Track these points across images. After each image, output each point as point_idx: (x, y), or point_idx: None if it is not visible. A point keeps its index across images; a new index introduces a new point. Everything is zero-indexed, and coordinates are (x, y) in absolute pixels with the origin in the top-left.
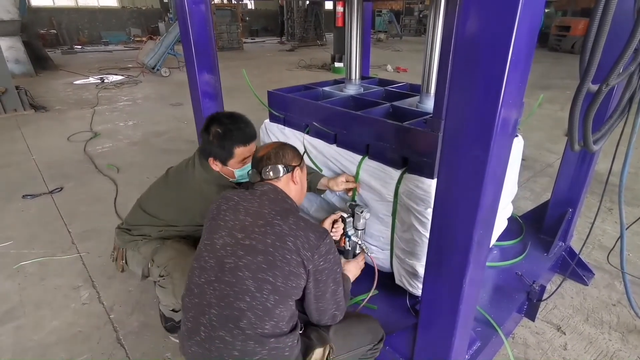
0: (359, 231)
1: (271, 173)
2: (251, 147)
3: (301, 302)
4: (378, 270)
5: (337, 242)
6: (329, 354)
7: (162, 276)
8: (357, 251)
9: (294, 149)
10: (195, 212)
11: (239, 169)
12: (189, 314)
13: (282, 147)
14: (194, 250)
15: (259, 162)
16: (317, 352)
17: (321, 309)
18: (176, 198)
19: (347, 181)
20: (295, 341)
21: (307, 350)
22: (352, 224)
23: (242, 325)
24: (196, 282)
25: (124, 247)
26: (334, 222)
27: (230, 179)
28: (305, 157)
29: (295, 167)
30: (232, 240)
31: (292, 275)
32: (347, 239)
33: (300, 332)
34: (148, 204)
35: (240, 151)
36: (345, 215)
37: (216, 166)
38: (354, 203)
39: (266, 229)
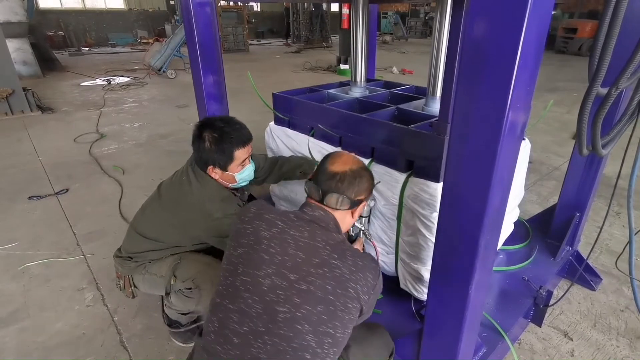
0: (363, 218)
1: (336, 202)
2: (248, 149)
3: None
4: (383, 273)
5: None
6: None
7: (189, 288)
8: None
9: (371, 177)
10: (200, 231)
11: (239, 172)
12: None
13: (361, 174)
14: (218, 260)
15: (330, 179)
16: None
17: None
18: (176, 219)
19: None
20: None
21: None
22: None
23: None
24: (235, 330)
25: (129, 274)
26: None
27: (230, 185)
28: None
29: (362, 201)
30: (284, 282)
31: (350, 322)
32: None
33: None
34: (146, 228)
35: (239, 153)
36: None
37: (215, 174)
38: None
39: (324, 270)
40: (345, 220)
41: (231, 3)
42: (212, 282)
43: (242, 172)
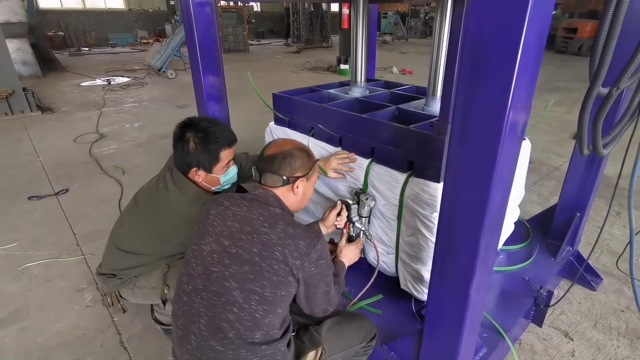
0: (364, 218)
1: (269, 180)
2: (233, 150)
3: (293, 300)
4: (384, 274)
5: (341, 229)
6: (321, 354)
7: None
8: (361, 237)
9: (304, 156)
10: (182, 238)
11: (223, 175)
12: (178, 322)
13: (293, 154)
14: None
15: (264, 162)
16: (310, 355)
17: (312, 305)
18: (156, 228)
19: (342, 157)
20: (287, 345)
21: (299, 354)
22: (357, 210)
23: (230, 336)
24: (184, 289)
25: (115, 290)
26: (339, 213)
27: (214, 188)
28: None
29: (299, 177)
30: (219, 247)
31: (281, 284)
32: (351, 226)
33: (293, 334)
34: (126, 242)
35: (225, 154)
36: (350, 201)
37: (199, 177)
38: (359, 190)
39: (253, 236)
40: (288, 197)
41: (231, 3)
42: None
43: (227, 174)
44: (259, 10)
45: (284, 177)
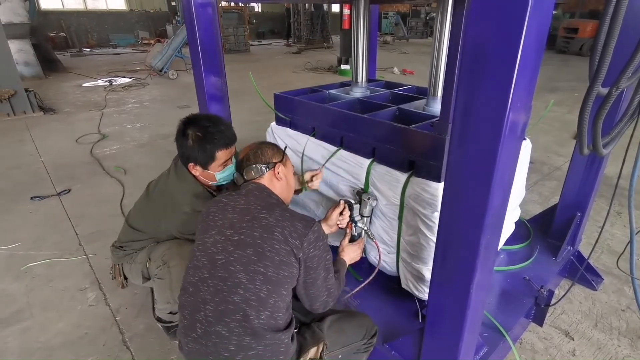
0: (365, 218)
1: (252, 172)
2: (231, 150)
3: (296, 298)
4: (385, 273)
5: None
6: (322, 350)
7: (159, 267)
8: (363, 237)
9: (273, 146)
10: (169, 224)
11: (219, 172)
12: (185, 312)
13: (261, 146)
14: (189, 242)
15: (241, 165)
16: (312, 351)
17: (312, 296)
18: (152, 210)
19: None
20: (290, 338)
21: (301, 350)
22: (359, 210)
23: (238, 318)
24: (190, 280)
25: (119, 263)
26: (341, 212)
27: (211, 182)
28: (311, 159)
29: (276, 163)
30: (222, 237)
31: (284, 264)
32: (353, 225)
33: (296, 330)
34: (133, 218)
35: (221, 154)
36: (352, 201)
37: (196, 171)
38: (361, 190)
39: (253, 223)
40: (275, 185)
41: (232, 4)
42: (180, 257)
43: (223, 172)
44: (260, 10)
45: (264, 165)
